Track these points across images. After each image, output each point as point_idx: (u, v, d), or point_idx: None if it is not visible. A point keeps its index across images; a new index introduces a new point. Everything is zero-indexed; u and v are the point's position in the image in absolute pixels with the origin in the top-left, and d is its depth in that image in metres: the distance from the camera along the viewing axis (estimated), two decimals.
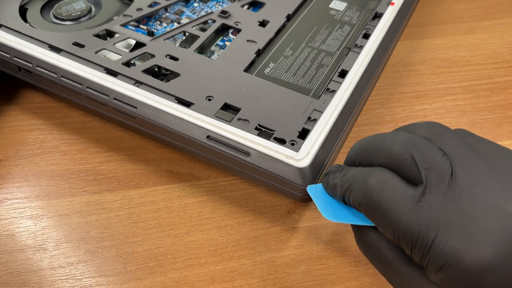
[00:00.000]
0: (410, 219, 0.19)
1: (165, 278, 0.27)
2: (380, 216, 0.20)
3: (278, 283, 0.27)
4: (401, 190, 0.19)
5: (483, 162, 0.19)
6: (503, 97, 0.37)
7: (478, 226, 0.18)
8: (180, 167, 0.32)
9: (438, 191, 0.19)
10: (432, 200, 0.19)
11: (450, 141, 0.20)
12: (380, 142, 0.21)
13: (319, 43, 0.34)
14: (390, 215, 0.19)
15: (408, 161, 0.20)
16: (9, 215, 0.29)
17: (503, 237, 0.18)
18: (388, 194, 0.19)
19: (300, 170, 0.26)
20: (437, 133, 0.21)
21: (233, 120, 0.28)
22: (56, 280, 0.27)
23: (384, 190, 0.20)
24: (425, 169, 0.19)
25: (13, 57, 0.32)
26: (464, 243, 0.18)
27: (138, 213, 0.30)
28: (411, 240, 0.19)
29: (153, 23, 0.37)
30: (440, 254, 0.18)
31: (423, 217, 0.18)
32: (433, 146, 0.20)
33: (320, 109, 0.29)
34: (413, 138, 0.20)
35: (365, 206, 0.20)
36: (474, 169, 0.19)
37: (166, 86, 0.30)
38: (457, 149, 0.20)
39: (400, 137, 0.21)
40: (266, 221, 0.29)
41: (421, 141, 0.20)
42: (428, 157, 0.19)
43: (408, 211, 0.19)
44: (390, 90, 0.38)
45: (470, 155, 0.20)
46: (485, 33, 0.43)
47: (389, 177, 0.20)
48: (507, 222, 0.18)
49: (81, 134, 0.34)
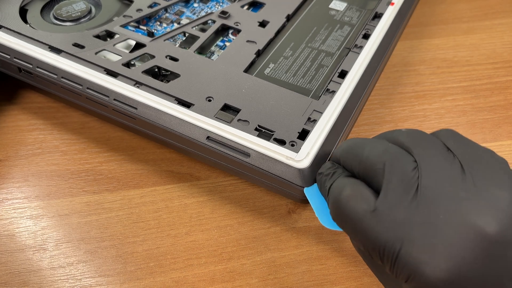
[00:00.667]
0: (377, 232, 0.19)
1: (165, 278, 0.27)
2: (349, 229, 0.20)
3: (278, 283, 0.27)
4: (368, 204, 0.19)
5: (455, 170, 0.19)
6: (503, 97, 0.37)
7: (440, 237, 0.18)
8: (180, 167, 0.32)
9: (403, 203, 0.19)
10: (397, 212, 0.19)
11: (426, 151, 0.20)
12: (360, 149, 0.22)
13: (319, 44, 0.34)
14: (358, 227, 0.20)
15: (380, 171, 0.20)
16: (9, 215, 0.29)
17: (461, 249, 0.17)
18: (356, 207, 0.20)
19: (300, 171, 0.26)
20: (415, 142, 0.21)
21: (233, 121, 0.29)
22: (56, 280, 0.27)
23: (352, 204, 0.20)
24: (390, 182, 0.19)
25: (13, 58, 0.32)
26: (426, 255, 0.18)
27: (138, 213, 0.30)
28: (379, 251, 0.19)
29: (153, 23, 0.37)
30: (405, 266, 0.18)
31: (389, 229, 0.19)
32: (406, 158, 0.20)
33: (320, 110, 0.29)
34: (389, 149, 0.21)
35: (337, 218, 0.21)
36: (444, 179, 0.19)
37: (166, 87, 0.30)
38: (430, 160, 0.20)
39: (378, 146, 0.21)
40: (266, 221, 0.29)
41: (397, 152, 0.20)
42: (398, 169, 0.20)
43: (374, 224, 0.19)
44: (390, 90, 0.38)
45: (443, 164, 0.19)
46: (485, 33, 0.43)
47: (359, 189, 0.20)
48: (467, 233, 0.18)
49: (81, 134, 0.34)
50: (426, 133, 0.22)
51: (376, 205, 0.19)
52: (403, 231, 0.18)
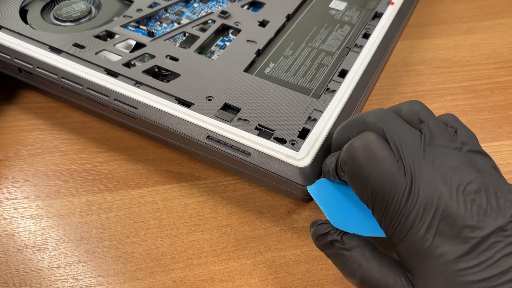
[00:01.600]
0: (393, 180, 0.20)
1: (165, 278, 0.27)
2: (363, 175, 0.21)
3: (278, 283, 0.27)
4: (386, 151, 0.21)
5: (448, 140, 0.21)
6: (503, 97, 0.37)
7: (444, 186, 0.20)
8: (180, 167, 0.32)
9: (414, 156, 0.20)
10: (409, 163, 0.20)
11: (427, 119, 0.22)
12: (358, 116, 0.23)
13: (319, 43, 0.34)
14: (374, 175, 0.20)
15: (380, 130, 0.21)
16: (9, 215, 0.29)
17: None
18: (373, 153, 0.21)
19: (300, 169, 0.26)
20: (416, 111, 0.22)
21: (233, 120, 0.28)
22: (56, 280, 0.27)
23: (369, 150, 0.21)
24: (395, 142, 0.21)
25: (14, 58, 0.32)
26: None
27: (138, 213, 0.30)
28: (387, 201, 0.20)
29: (153, 23, 0.37)
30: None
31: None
32: (403, 121, 0.22)
33: (320, 109, 0.29)
34: (386, 111, 0.22)
35: (349, 164, 0.21)
36: (439, 143, 0.21)
37: (166, 87, 0.30)
38: (430, 126, 0.21)
39: (376, 110, 0.23)
40: (266, 221, 0.29)
41: (393, 115, 0.22)
42: (397, 129, 0.21)
43: (392, 172, 0.20)
44: (390, 90, 0.38)
45: (439, 131, 0.21)
46: (485, 33, 0.43)
47: (373, 137, 0.21)
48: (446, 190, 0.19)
49: (81, 134, 0.34)
50: (426, 107, 0.23)
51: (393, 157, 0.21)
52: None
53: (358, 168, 0.21)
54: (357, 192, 0.21)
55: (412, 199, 0.19)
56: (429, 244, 0.19)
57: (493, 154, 0.32)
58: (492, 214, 0.19)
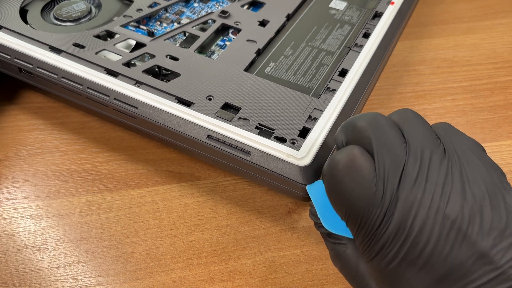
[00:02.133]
0: (369, 203, 0.19)
1: (165, 278, 0.27)
2: (339, 191, 0.20)
3: (278, 283, 0.27)
4: (366, 171, 0.19)
5: (435, 153, 0.19)
6: (503, 97, 0.37)
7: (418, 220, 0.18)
8: (180, 167, 0.32)
9: (393, 179, 0.19)
10: (388, 187, 0.19)
11: (415, 131, 0.20)
12: (351, 119, 0.21)
13: (319, 43, 0.34)
14: (350, 194, 0.19)
15: (367, 140, 0.20)
16: (9, 215, 0.29)
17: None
18: (352, 172, 0.19)
19: (300, 168, 0.26)
20: (407, 119, 0.21)
21: (233, 119, 0.28)
22: (56, 280, 0.27)
23: (349, 167, 0.20)
24: (380, 154, 0.19)
25: (14, 58, 0.32)
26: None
27: (138, 213, 0.30)
28: (360, 222, 0.19)
29: (153, 23, 0.37)
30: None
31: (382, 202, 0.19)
32: (395, 129, 0.20)
33: (321, 108, 0.29)
34: (378, 118, 0.20)
35: (327, 177, 0.20)
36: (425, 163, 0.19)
37: (166, 86, 0.30)
38: (416, 139, 0.20)
39: (368, 114, 0.21)
40: (266, 221, 0.29)
41: (384, 122, 0.20)
42: (385, 142, 0.19)
43: (368, 195, 0.19)
44: (390, 90, 0.38)
45: (426, 144, 0.19)
46: (485, 33, 0.43)
47: (357, 153, 0.20)
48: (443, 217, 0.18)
49: (81, 134, 0.34)
50: (418, 115, 0.21)
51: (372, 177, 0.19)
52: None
53: (335, 184, 0.20)
54: (333, 205, 0.21)
55: (385, 224, 0.18)
56: (394, 270, 0.18)
57: (493, 154, 0.33)
58: (470, 241, 0.17)
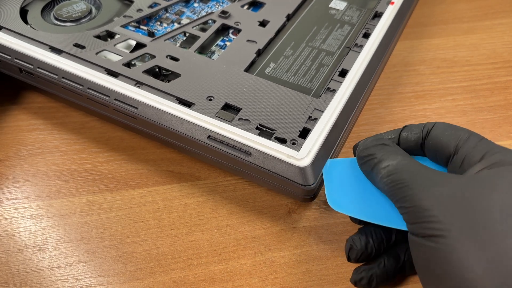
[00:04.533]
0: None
1: (165, 278, 0.27)
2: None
3: (278, 283, 0.27)
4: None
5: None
6: (503, 97, 0.37)
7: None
8: (180, 167, 0.32)
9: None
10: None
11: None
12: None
13: (320, 43, 0.34)
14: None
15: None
16: (9, 215, 0.29)
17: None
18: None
19: (301, 169, 0.26)
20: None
21: (233, 120, 0.28)
22: (56, 280, 0.27)
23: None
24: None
25: (14, 58, 0.32)
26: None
27: (138, 213, 0.30)
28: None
29: (154, 23, 0.37)
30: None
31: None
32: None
33: (321, 109, 0.29)
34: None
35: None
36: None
37: (166, 87, 0.30)
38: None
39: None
40: (266, 221, 0.29)
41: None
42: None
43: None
44: (390, 90, 0.38)
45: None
46: (485, 33, 0.43)
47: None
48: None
49: (81, 134, 0.34)
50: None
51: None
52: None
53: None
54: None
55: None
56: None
57: None
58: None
